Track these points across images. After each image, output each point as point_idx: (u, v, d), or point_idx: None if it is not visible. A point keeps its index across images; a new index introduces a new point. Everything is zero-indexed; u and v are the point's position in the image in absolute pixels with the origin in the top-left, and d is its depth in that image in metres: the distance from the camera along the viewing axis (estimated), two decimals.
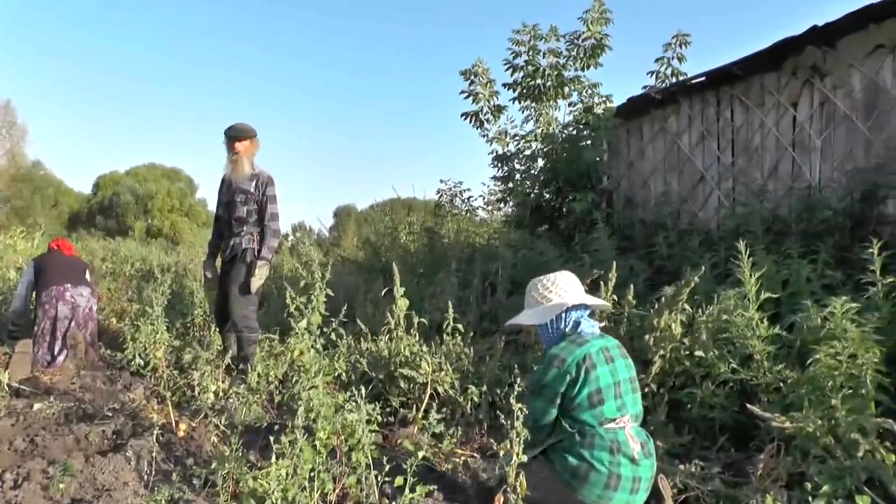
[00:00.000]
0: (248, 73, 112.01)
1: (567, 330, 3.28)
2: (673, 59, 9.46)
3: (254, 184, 5.68)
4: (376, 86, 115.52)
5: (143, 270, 12.65)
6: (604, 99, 9.85)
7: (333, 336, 4.05)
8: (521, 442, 2.65)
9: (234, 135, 5.70)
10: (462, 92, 10.16)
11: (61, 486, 3.14)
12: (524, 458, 2.64)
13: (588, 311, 3.37)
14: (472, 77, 10.11)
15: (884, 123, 5.79)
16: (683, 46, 9.43)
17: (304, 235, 15.49)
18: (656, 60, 9.54)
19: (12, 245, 10.44)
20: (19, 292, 6.59)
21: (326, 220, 42.17)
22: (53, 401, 4.78)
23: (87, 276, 6.75)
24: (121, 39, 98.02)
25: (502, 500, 2.67)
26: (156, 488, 3.24)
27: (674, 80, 9.38)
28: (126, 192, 54.43)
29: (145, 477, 3.45)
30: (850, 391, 3.40)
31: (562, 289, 3.34)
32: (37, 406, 4.63)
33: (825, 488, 3.03)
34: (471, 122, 10.26)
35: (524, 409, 2.94)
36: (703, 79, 7.72)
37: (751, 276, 4.15)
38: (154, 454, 3.58)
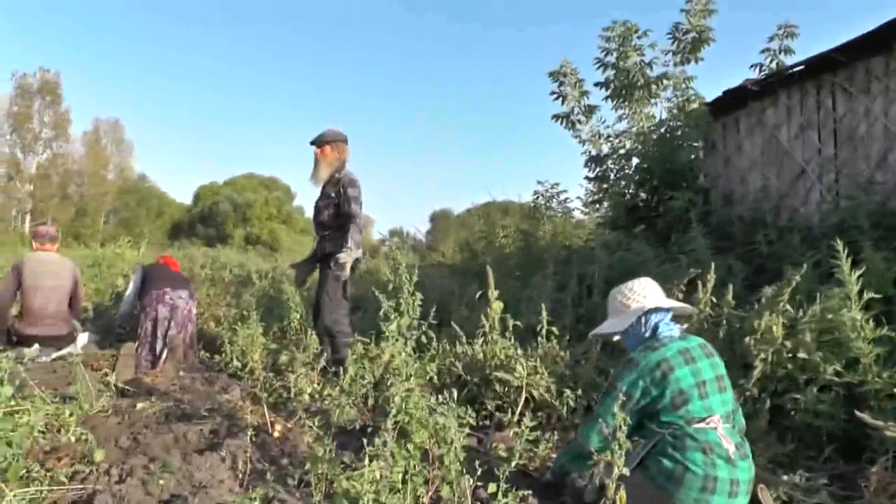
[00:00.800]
0: (345, 81, 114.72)
1: (646, 334, 3.27)
2: (780, 51, 9.09)
3: (336, 188, 5.74)
4: (472, 90, 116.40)
5: (242, 276, 12.99)
6: (697, 95, 9.55)
7: (425, 339, 4.05)
8: (623, 453, 2.57)
9: (313, 141, 5.85)
10: (552, 93, 10.05)
11: (161, 482, 3.21)
12: (626, 471, 2.57)
13: (669, 315, 3.33)
14: (561, 78, 9.99)
15: None
16: (790, 38, 9.04)
17: (400, 241, 15.61)
18: (762, 52, 9.19)
19: (121, 255, 10.89)
20: (127, 297, 6.90)
21: (423, 226, 42.59)
22: (155, 401, 4.92)
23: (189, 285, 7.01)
24: (217, 54, 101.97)
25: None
26: (251, 487, 3.29)
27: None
28: (225, 202, 56.35)
29: (240, 475, 3.50)
30: None
31: (640, 294, 3.33)
32: (139, 406, 4.77)
33: None
34: (562, 123, 10.14)
35: (597, 409, 3.01)
36: (801, 67, 7.41)
37: (851, 273, 3.96)
38: (249, 454, 3.63)
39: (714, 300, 4.71)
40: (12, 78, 51.38)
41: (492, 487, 2.83)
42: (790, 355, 4.12)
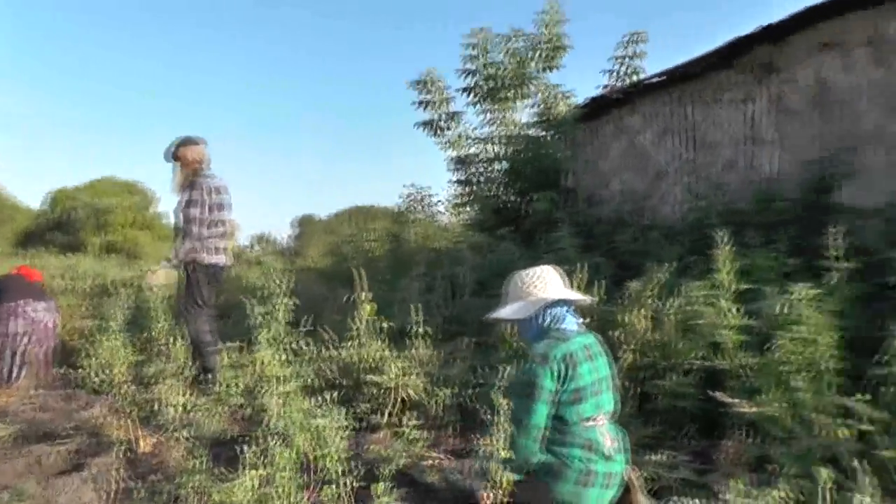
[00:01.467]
0: (207, 82, 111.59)
1: (548, 325, 3.22)
2: (632, 57, 9.54)
3: (185, 193, 5.65)
4: (327, 92, 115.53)
5: (101, 286, 12.41)
6: (566, 96, 9.89)
7: (297, 345, 4.00)
8: (505, 438, 2.59)
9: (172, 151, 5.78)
10: (414, 102, 10.16)
11: None
12: (508, 456, 2.59)
13: (570, 307, 3.33)
14: (426, 86, 10.09)
15: (833, 116, 5.94)
16: (639, 44, 9.51)
17: (266, 246, 15.34)
18: (614, 59, 9.62)
19: None
20: None
21: (286, 231, 41.89)
22: (8, 422, 4.63)
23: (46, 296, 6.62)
24: (69, 49, 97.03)
25: (490, 498, 2.63)
26: None
27: (633, 77, 9.47)
28: (82, 207, 53.35)
29: (107, 496, 3.35)
30: (812, 374, 3.47)
31: (544, 282, 3.28)
32: None
33: (788, 468, 3.07)
34: (426, 131, 10.26)
35: (511, 408, 2.90)
36: (661, 78, 7.83)
37: (722, 266, 4.24)
38: (117, 472, 3.48)
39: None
40: None
41: (377, 487, 2.80)
42: (656, 345, 4.38)
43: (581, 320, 3.37)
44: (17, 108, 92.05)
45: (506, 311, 3.35)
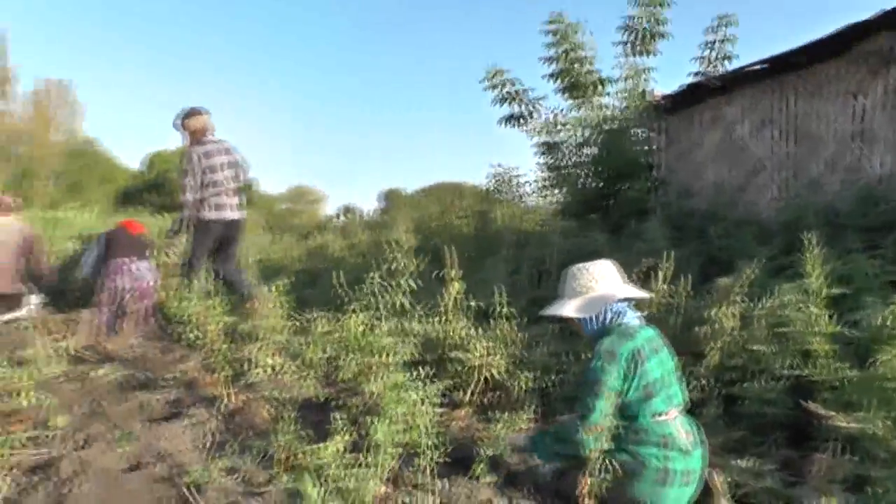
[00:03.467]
0: (297, 49, 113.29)
1: (610, 321, 3.20)
2: (722, 41, 9.25)
3: (182, 162, 6.50)
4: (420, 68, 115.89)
5: None
6: (653, 88, 9.68)
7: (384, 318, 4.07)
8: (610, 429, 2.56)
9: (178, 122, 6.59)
10: (494, 101, 10.06)
11: (125, 448, 3.22)
12: (609, 445, 2.56)
13: (632, 302, 3.31)
14: (499, 83, 9.97)
15: None
16: (729, 27, 9.20)
17: (352, 217, 15.56)
18: (703, 44, 9.34)
19: (68, 220, 10.72)
20: (87, 261, 6.81)
21: (372, 204, 42.47)
22: (112, 368, 4.90)
23: (148, 253, 7.00)
24: (168, 19, 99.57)
25: (586, 483, 2.62)
26: (213, 456, 3.32)
27: (725, 63, 9.20)
28: (176, 170, 55.13)
29: (203, 445, 3.51)
30: None
31: (604, 279, 3.27)
32: (98, 372, 4.76)
33: (892, 493, 2.95)
34: (509, 125, 10.17)
35: (581, 405, 2.95)
36: (763, 66, 7.55)
37: (811, 270, 4.05)
38: (211, 424, 3.64)
39: (668, 289, 4.79)
40: None
41: (476, 467, 2.81)
42: (743, 346, 4.22)
43: (639, 314, 3.34)
44: (122, 70, 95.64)
45: (567, 309, 3.29)
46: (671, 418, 3.04)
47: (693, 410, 4.06)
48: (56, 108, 57.28)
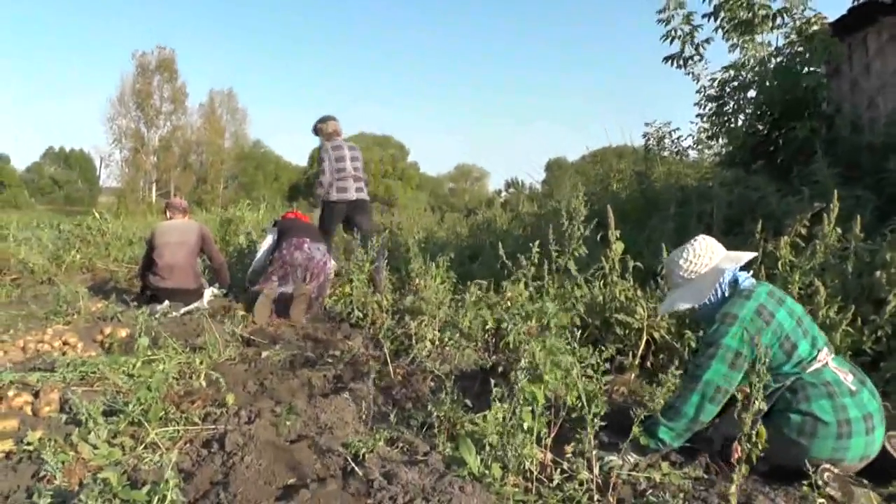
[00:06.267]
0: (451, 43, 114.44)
1: (725, 292, 3.13)
2: None
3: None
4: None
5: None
6: (817, 15, 8.98)
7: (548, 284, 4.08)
8: (761, 389, 2.48)
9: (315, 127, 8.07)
10: (662, 36, 9.71)
11: (288, 423, 3.39)
12: (764, 406, 2.47)
13: (738, 266, 3.18)
14: (671, 15, 9.59)
15: None
16: None
17: (516, 191, 15.71)
18: None
19: (241, 216, 11.53)
20: (263, 251, 7.32)
21: (538, 175, 42.36)
22: (280, 349, 5.20)
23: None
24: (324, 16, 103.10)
25: (740, 450, 2.55)
26: (375, 428, 3.42)
27: None
28: None
29: (364, 417, 3.63)
30: None
31: (707, 255, 3.18)
32: (265, 353, 5.06)
33: None
34: (673, 64, 9.79)
35: (698, 373, 2.90)
36: None
37: None
38: (373, 397, 3.76)
39: (840, 232, 4.47)
40: (133, 58, 55.27)
41: (636, 431, 2.80)
42: None
43: (749, 273, 3.22)
44: (276, 69, 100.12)
45: (682, 301, 3.24)
46: (824, 363, 2.89)
47: (874, 363, 3.85)
48: (224, 116, 61.91)
